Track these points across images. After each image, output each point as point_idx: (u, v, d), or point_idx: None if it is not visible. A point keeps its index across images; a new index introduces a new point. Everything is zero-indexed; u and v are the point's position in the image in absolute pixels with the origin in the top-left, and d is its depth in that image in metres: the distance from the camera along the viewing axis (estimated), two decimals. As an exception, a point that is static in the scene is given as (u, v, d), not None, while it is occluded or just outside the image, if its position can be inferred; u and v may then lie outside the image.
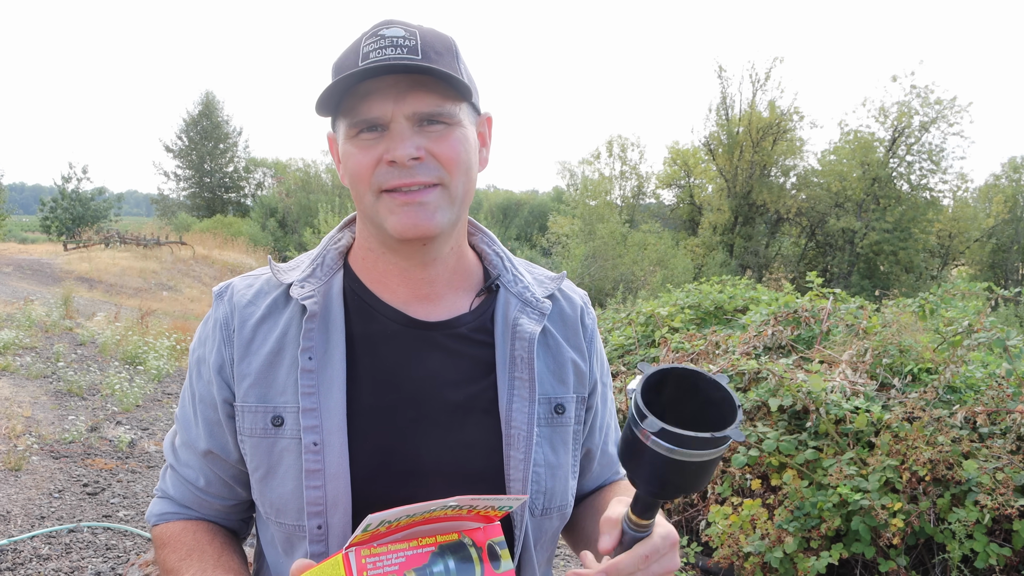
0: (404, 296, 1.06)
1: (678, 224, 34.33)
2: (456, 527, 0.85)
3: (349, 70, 0.95)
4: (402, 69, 0.94)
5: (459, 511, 0.82)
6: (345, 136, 0.99)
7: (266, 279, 1.09)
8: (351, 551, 0.77)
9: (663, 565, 0.88)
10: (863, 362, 4.18)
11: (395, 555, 0.79)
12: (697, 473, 0.78)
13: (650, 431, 0.76)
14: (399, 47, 0.95)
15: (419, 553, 0.81)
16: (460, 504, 0.80)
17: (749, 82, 32.33)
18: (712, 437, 0.75)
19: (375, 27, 0.99)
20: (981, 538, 3.18)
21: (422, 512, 0.78)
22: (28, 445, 5.38)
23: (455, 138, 0.98)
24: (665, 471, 0.78)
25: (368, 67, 0.93)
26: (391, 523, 0.77)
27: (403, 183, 0.96)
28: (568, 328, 1.13)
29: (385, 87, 0.95)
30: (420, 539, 0.82)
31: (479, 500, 0.81)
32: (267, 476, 1.01)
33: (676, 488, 0.80)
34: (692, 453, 0.76)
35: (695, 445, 0.75)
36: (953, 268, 32.12)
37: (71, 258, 20.74)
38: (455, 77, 0.95)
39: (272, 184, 43.46)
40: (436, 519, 0.82)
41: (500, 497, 0.83)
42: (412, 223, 0.97)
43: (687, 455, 0.76)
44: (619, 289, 18.30)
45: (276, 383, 1.01)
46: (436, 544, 0.82)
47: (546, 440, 1.06)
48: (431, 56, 0.96)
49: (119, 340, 9.05)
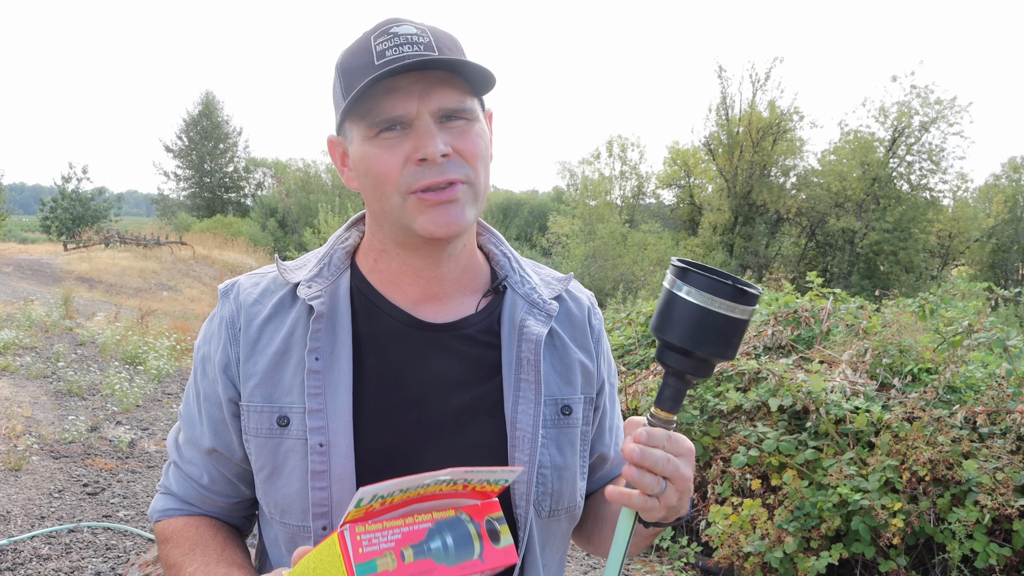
0: (414, 296, 1.06)
1: (678, 224, 34.31)
2: (453, 504, 0.84)
3: (368, 70, 0.93)
4: (432, 65, 0.93)
5: (454, 486, 0.81)
6: (363, 137, 0.97)
7: (272, 277, 1.09)
8: (345, 528, 0.76)
9: (685, 465, 0.89)
10: (863, 362, 4.18)
11: (391, 531, 0.78)
12: (724, 330, 0.85)
13: (679, 275, 0.85)
14: (416, 44, 0.94)
15: (416, 530, 0.80)
16: (454, 478, 0.79)
17: (749, 82, 32.31)
18: (736, 286, 0.83)
19: (383, 25, 0.98)
20: (981, 538, 3.19)
21: (416, 487, 0.78)
22: (28, 445, 5.38)
23: (475, 133, 0.98)
24: (693, 321, 0.85)
25: (401, 64, 0.90)
26: (384, 498, 0.76)
27: (435, 181, 0.94)
28: (575, 328, 1.13)
29: (407, 84, 0.94)
30: (416, 516, 0.81)
31: (473, 473, 0.80)
32: (272, 476, 1.01)
33: (700, 342, 0.85)
34: (719, 302, 0.83)
35: (721, 293, 0.83)
36: (953, 268, 32.10)
37: (71, 258, 20.74)
38: (485, 68, 0.94)
39: (272, 184, 43.44)
40: (432, 496, 0.81)
41: (495, 469, 0.82)
42: (444, 221, 0.96)
43: (715, 303, 0.83)
44: (619, 289, 18.31)
45: (282, 383, 1.01)
46: (433, 521, 0.81)
47: (552, 442, 1.06)
48: (446, 52, 0.95)
49: (119, 340, 9.05)
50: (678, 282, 0.85)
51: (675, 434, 0.90)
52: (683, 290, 0.85)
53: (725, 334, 0.85)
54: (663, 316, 0.88)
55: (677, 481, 0.88)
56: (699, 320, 0.84)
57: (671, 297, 0.86)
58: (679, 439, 0.90)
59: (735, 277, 0.85)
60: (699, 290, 0.83)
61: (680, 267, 0.86)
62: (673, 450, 0.89)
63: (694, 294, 0.84)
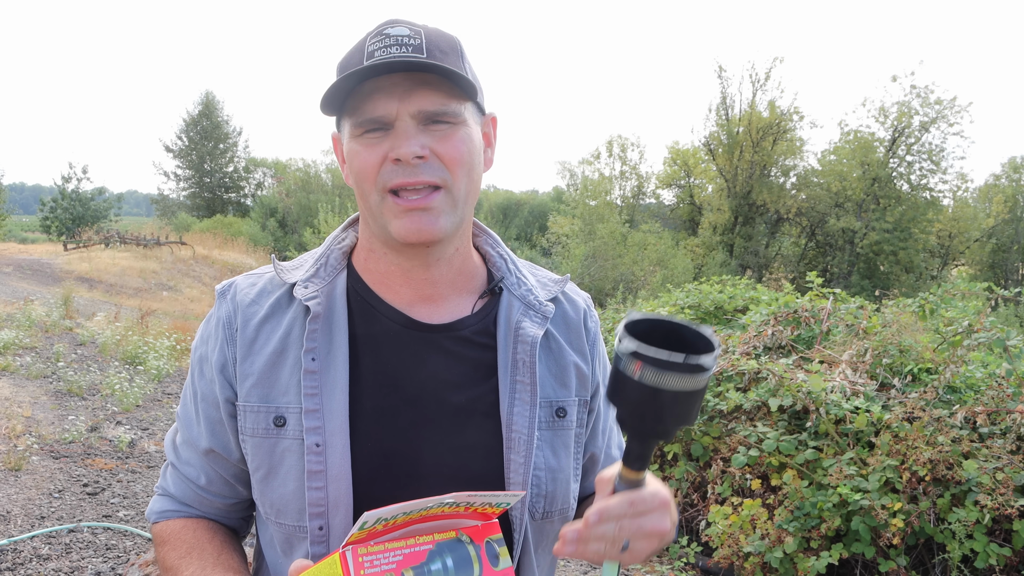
0: (407, 297, 1.06)
1: (678, 224, 34.33)
2: (454, 525, 0.85)
3: (354, 68, 0.95)
4: (406, 67, 0.94)
5: (456, 508, 0.82)
6: (350, 135, 0.99)
7: (269, 278, 1.09)
8: (347, 550, 0.76)
9: (652, 521, 0.84)
10: (863, 362, 4.18)
11: (392, 553, 0.79)
12: (677, 404, 0.79)
13: (626, 352, 0.77)
14: (404, 46, 0.95)
15: (416, 551, 0.80)
16: (457, 501, 0.80)
17: (749, 82, 32.36)
18: (685, 361, 0.76)
19: (380, 26, 0.99)
20: (981, 538, 3.19)
21: (419, 510, 0.78)
22: (28, 445, 5.38)
23: (459, 137, 0.98)
24: (645, 400, 0.78)
25: (373, 65, 0.92)
26: (388, 521, 0.77)
27: (407, 182, 0.96)
28: (571, 331, 1.13)
29: (390, 85, 0.95)
30: (417, 537, 0.81)
31: (476, 497, 0.81)
32: (268, 476, 1.01)
33: (656, 419, 0.80)
34: (670, 378, 0.76)
35: (671, 368, 0.76)
36: (953, 268, 32.11)
37: (71, 258, 20.74)
38: (460, 75, 0.94)
39: (272, 184, 43.46)
40: (433, 517, 0.82)
41: (497, 494, 0.83)
42: (416, 228, 0.97)
43: (665, 380, 0.77)
44: (619, 289, 18.30)
45: (279, 383, 1.01)
46: (434, 542, 0.82)
47: (547, 443, 1.06)
48: (436, 55, 0.96)
49: (119, 340, 9.05)
50: (626, 359, 0.78)
51: (641, 494, 0.85)
52: (631, 369, 0.78)
53: (682, 407, 0.79)
54: (615, 386, 0.81)
55: (642, 540, 0.85)
56: (651, 399, 0.78)
57: (619, 375, 0.79)
58: (646, 498, 0.85)
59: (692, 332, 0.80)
60: (651, 368, 0.76)
61: (629, 342, 0.78)
62: (640, 511, 0.84)
63: (647, 375, 0.77)
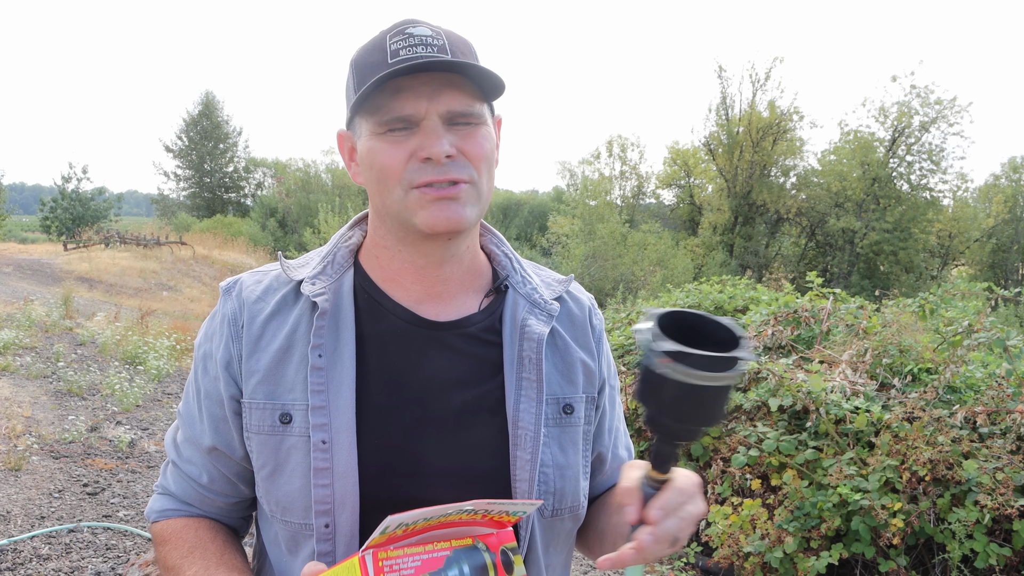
0: (417, 294, 1.06)
1: (678, 224, 34.33)
2: (470, 532, 0.85)
3: (380, 67, 0.95)
4: (445, 67, 0.94)
5: (474, 516, 0.83)
6: (371, 133, 0.99)
7: (275, 275, 1.09)
8: (367, 554, 0.77)
9: (695, 505, 0.87)
10: (863, 362, 4.18)
11: (411, 559, 0.79)
12: (711, 400, 0.79)
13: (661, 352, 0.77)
14: (429, 46, 0.96)
15: (435, 557, 0.81)
16: (476, 508, 0.81)
17: (749, 82, 32.36)
18: (721, 356, 0.76)
19: (399, 25, 0.99)
20: (981, 538, 3.19)
21: (439, 516, 0.79)
22: (28, 445, 5.38)
23: (482, 136, 0.99)
24: (679, 398, 0.78)
25: (412, 64, 0.92)
26: (408, 526, 0.77)
27: (437, 179, 0.96)
28: (577, 328, 1.14)
29: (418, 84, 0.95)
30: (435, 543, 0.82)
31: (495, 504, 0.82)
32: (274, 474, 1.01)
33: (691, 417, 0.80)
34: (704, 375, 0.76)
35: (706, 365, 0.76)
36: (953, 268, 32.12)
37: (71, 258, 20.73)
38: (494, 74, 0.96)
39: (272, 184, 43.41)
40: (451, 523, 0.82)
41: (516, 502, 0.84)
42: (444, 216, 0.97)
43: (700, 377, 0.76)
44: (619, 289, 18.30)
45: (285, 380, 1.01)
46: (451, 549, 0.82)
47: (554, 440, 1.06)
48: (460, 57, 0.97)
49: (119, 340, 9.05)
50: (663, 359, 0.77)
51: (682, 483, 0.87)
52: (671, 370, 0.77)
53: (719, 403, 0.80)
54: (648, 387, 0.81)
55: (688, 527, 0.87)
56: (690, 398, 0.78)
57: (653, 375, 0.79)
58: (687, 486, 0.88)
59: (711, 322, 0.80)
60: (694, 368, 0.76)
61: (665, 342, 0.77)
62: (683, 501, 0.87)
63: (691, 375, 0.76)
